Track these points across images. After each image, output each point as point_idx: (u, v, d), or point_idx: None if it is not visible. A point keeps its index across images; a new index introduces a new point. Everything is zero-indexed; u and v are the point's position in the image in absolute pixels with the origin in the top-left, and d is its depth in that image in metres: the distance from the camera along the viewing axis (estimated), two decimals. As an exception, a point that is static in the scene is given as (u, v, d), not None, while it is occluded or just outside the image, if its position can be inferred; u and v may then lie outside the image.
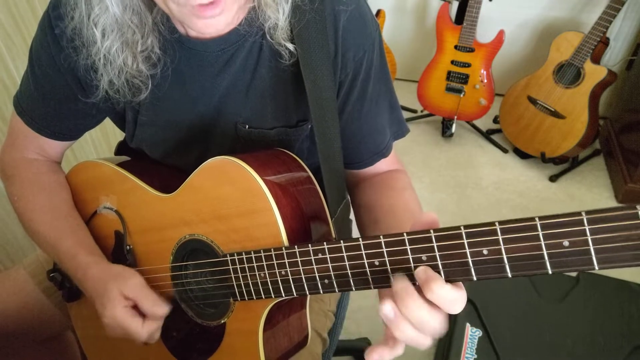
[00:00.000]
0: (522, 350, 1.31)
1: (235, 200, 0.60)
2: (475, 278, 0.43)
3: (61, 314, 0.86)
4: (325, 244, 0.51)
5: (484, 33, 2.20)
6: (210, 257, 0.64)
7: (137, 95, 0.66)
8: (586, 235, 0.37)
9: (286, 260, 0.55)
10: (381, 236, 0.47)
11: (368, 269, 0.49)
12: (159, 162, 0.79)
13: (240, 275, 0.60)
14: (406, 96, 2.64)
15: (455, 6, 2.27)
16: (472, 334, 1.33)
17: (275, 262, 0.56)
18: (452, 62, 2.23)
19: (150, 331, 0.65)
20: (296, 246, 0.54)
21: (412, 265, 0.46)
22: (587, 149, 2.26)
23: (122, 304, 0.64)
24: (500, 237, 0.41)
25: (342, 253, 0.50)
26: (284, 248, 0.55)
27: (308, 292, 0.55)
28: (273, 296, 0.58)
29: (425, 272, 0.45)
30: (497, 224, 0.41)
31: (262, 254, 0.56)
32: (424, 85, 2.35)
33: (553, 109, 2.08)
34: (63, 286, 0.78)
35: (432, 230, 0.44)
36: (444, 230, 0.44)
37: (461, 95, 2.26)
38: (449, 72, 2.25)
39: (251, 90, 0.68)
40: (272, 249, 0.55)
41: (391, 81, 0.74)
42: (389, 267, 0.48)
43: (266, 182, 0.57)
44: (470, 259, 0.43)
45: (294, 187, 0.60)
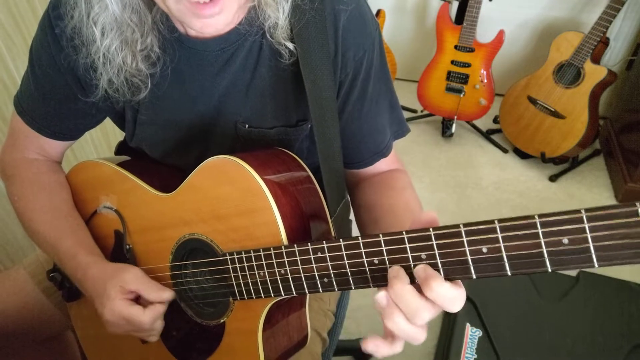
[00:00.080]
0: (522, 349, 1.30)
1: (235, 199, 0.60)
2: (474, 276, 0.43)
3: (61, 314, 0.86)
4: (324, 242, 0.51)
5: (484, 33, 2.20)
6: (209, 257, 0.63)
7: (136, 95, 0.66)
8: (586, 233, 0.37)
9: (285, 260, 0.54)
10: (380, 235, 0.47)
11: (367, 268, 0.49)
12: (158, 162, 0.79)
13: (239, 274, 0.60)
14: (406, 96, 2.64)
15: (455, 6, 2.27)
16: (472, 334, 1.33)
17: (274, 261, 0.56)
18: (452, 62, 2.23)
19: (153, 317, 0.64)
20: (295, 245, 0.53)
21: (412, 263, 0.46)
22: (587, 149, 2.26)
23: (120, 297, 0.64)
24: (499, 235, 0.41)
25: (342, 252, 0.50)
26: (283, 247, 0.55)
27: (307, 291, 0.55)
28: (272, 295, 0.58)
29: (425, 270, 0.45)
30: (496, 222, 0.41)
31: (262, 253, 0.56)
32: (424, 85, 2.35)
33: (553, 109, 2.08)
34: (63, 286, 0.78)
35: (431, 229, 0.44)
36: (443, 228, 0.44)
37: (461, 95, 2.26)
38: (449, 72, 2.25)
39: (251, 90, 0.68)
40: (271, 248, 0.55)
41: (391, 81, 0.74)
42: (388, 266, 0.47)
43: (266, 181, 0.57)
44: (469, 257, 0.43)
45: (293, 186, 0.60)
